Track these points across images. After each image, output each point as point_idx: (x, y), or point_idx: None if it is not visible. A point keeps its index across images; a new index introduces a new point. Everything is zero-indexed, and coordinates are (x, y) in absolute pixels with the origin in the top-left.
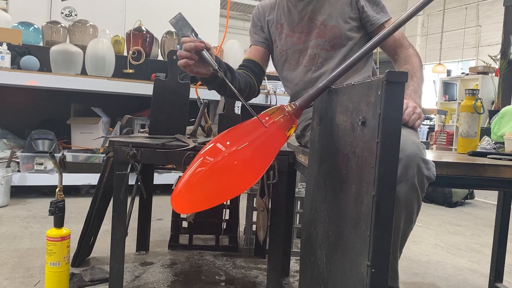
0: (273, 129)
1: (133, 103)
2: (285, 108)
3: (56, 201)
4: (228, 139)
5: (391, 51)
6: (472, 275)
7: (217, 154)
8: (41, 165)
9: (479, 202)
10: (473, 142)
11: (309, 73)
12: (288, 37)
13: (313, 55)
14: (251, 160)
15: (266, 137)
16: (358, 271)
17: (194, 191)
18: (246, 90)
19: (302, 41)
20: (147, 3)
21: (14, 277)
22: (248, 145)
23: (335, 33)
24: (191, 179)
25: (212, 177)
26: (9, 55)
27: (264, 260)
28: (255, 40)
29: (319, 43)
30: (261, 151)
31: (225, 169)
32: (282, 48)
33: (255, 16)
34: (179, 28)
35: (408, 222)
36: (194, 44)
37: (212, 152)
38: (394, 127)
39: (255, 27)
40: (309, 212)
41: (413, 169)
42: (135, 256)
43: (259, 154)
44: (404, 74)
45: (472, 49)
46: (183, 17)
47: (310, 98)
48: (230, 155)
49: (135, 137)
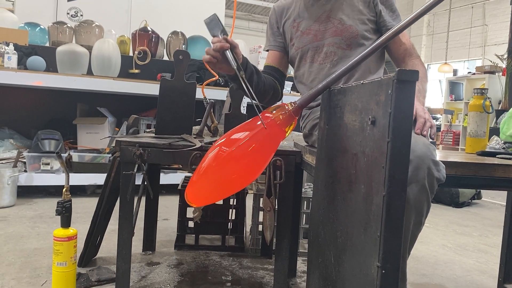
0: (273, 126)
1: (139, 103)
2: (285, 106)
3: (63, 201)
4: (235, 136)
5: (400, 58)
6: (480, 276)
7: (227, 147)
8: (47, 165)
9: (487, 203)
10: (482, 141)
11: (325, 70)
12: (304, 35)
13: (329, 52)
14: (254, 154)
15: (266, 133)
16: (368, 272)
17: (206, 183)
18: (270, 93)
19: (318, 39)
20: (153, 3)
21: (21, 277)
22: (250, 140)
23: (352, 33)
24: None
25: (222, 169)
26: (16, 56)
27: (270, 260)
28: (271, 44)
29: (335, 41)
30: (262, 145)
31: (233, 161)
32: (298, 45)
33: (272, 18)
34: (211, 27)
35: (418, 224)
36: (220, 44)
37: (224, 145)
38: (405, 126)
39: (272, 29)
40: (316, 212)
41: (424, 170)
42: (141, 256)
43: (260, 148)
44: (415, 72)
45: (478, 49)
46: (216, 18)
47: (310, 98)
48: (236, 150)
49: (142, 137)
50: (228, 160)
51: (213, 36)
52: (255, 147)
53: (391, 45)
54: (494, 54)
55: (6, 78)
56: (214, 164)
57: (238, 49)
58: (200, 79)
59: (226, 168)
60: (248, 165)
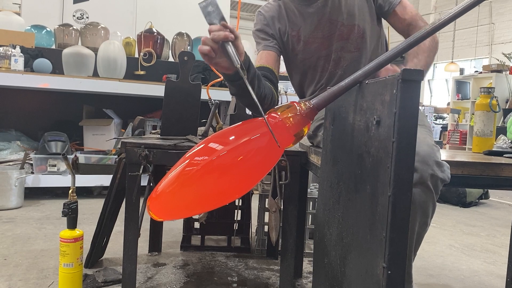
0: (279, 130)
1: (144, 104)
2: (296, 106)
3: (69, 202)
4: (222, 140)
5: (406, 35)
6: (488, 277)
7: (208, 155)
8: (54, 167)
9: (494, 202)
10: (489, 141)
11: (336, 77)
12: (308, 45)
13: (337, 59)
14: (244, 164)
15: (268, 139)
16: (373, 273)
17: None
18: (269, 99)
19: (326, 47)
20: (158, 5)
21: (28, 278)
22: (243, 146)
23: (357, 33)
24: (175, 181)
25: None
26: (22, 58)
27: (276, 261)
28: (266, 45)
29: (342, 45)
30: (260, 154)
31: (213, 172)
32: (303, 56)
33: (262, 22)
34: (207, 13)
35: (423, 225)
36: (223, 34)
37: (202, 153)
38: (410, 126)
39: (264, 33)
40: (322, 213)
41: (427, 172)
42: (147, 257)
43: (255, 158)
44: (420, 72)
45: (485, 47)
46: (215, 2)
47: (331, 97)
48: (220, 158)
49: (147, 138)
50: (211, 170)
51: (210, 24)
52: (249, 156)
53: (394, 23)
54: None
55: (13, 80)
56: (191, 173)
57: (239, 41)
58: (205, 80)
59: (207, 179)
60: (236, 178)
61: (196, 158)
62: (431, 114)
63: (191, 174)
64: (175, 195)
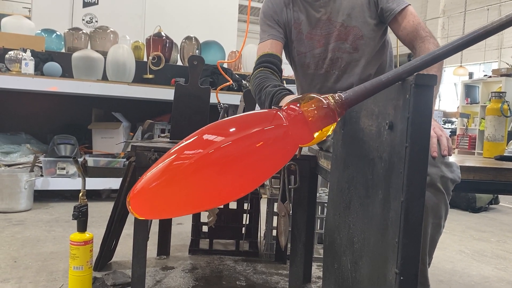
0: (296, 124)
1: (153, 108)
2: (323, 100)
3: (79, 205)
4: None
5: (407, 43)
6: (499, 283)
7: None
8: (63, 170)
9: (504, 208)
10: (500, 146)
11: (332, 77)
12: (307, 39)
13: (335, 59)
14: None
15: (282, 133)
16: (385, 279)
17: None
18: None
19: (322, 44)
20: (166, 8)
21: (38, 280)
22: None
23: (356, 35)
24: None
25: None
26: (33, 62)
27: (285, 265)
28: (272, 34)
29: (340, 46)
30: (266, 152)
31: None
32: (300, 50)
33: (270, 10)
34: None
35: (437, 227)
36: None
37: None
38: (423, 131)
39: (271, 21)
40: (332, 218)
41: (436, 173)
42: (156, 260)
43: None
44: (433, 77)
45: (494, 51)
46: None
47: (365, 93)
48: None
49: (157, 142)
50: (208, 165)
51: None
52: (261, 148)
53: (394, 30)
54: (510, 56)
55: (24, 84)
56: (181, 167)
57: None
58: (213, 83)
59: (202, 175)
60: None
61: (187, 152)
62: (440, 118)
63: (181, 169)
64: (161, 192)
